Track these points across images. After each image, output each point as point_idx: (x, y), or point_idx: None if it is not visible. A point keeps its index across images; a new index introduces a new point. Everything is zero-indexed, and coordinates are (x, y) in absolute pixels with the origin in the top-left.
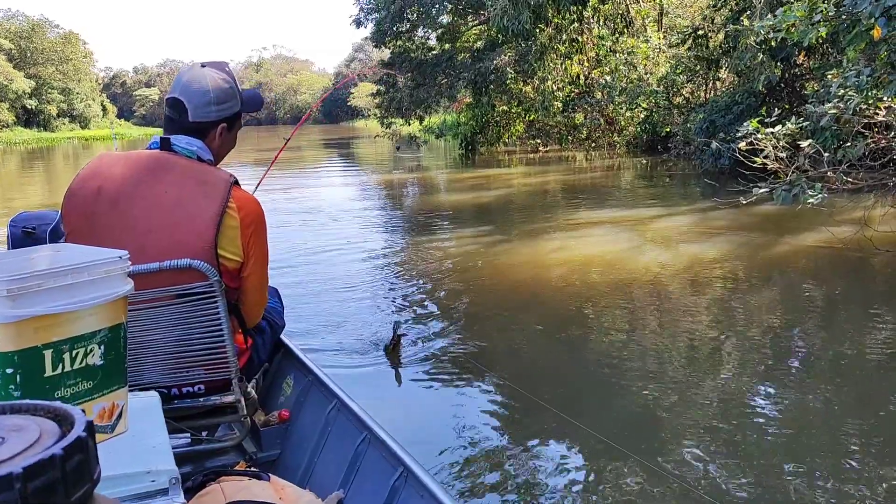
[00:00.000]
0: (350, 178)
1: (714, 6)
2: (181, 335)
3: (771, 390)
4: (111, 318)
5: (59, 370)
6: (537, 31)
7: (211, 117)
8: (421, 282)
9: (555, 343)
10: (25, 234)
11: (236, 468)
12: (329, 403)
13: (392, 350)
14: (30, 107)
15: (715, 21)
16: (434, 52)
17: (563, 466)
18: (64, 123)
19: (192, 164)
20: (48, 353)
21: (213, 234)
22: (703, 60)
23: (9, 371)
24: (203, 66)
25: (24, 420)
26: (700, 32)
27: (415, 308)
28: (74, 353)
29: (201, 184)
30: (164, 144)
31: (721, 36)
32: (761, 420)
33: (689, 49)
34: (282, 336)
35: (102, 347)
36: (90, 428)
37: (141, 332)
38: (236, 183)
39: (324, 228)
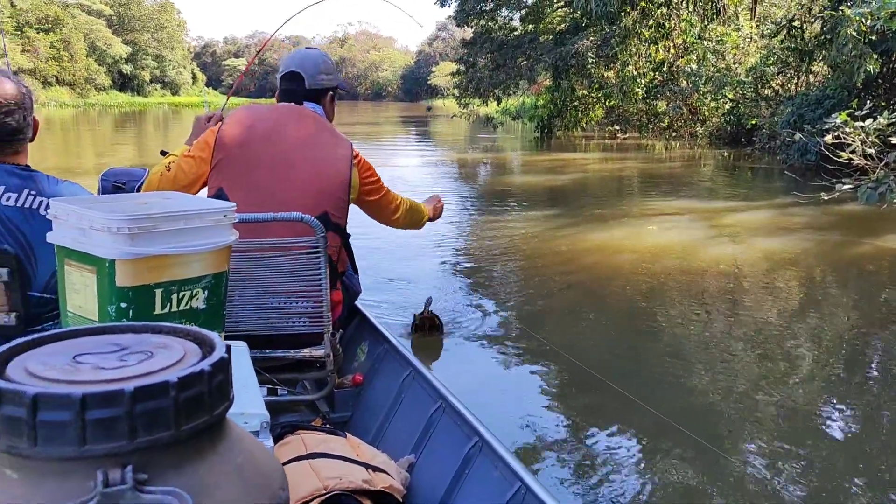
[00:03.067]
0: (425, 154)
1: None
2: (282, 286)
3: (842, 398)
4: (216, 266)
5: (166, 309)
6: (623, 14)
7: (323, 84)
8: (489, 258)
9: (621, 328)
10: (115, 188)
11: (312, 424)
12: (404, 371)
13: (421, 325)
14: (125, 72)
15: (812, 10)
16: (516, 33)
17: (628, 444)
18: (156, 89)
19: (323, 119)
20: (159, 292)
21: (348, 173)
22: (797, 52)
23: (123, 305)
24: (307, 49)
25: (168, 339)
26: (795, 23)
27: (483, 284)
28: (181, 294)
29: (333, 134)
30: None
31: (817, 26)
32: (828, 427)
33: (782, 41)
34: (357, 303)
35: (206, 292)
36: (230, 351)
37: (244, 278)
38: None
39: None
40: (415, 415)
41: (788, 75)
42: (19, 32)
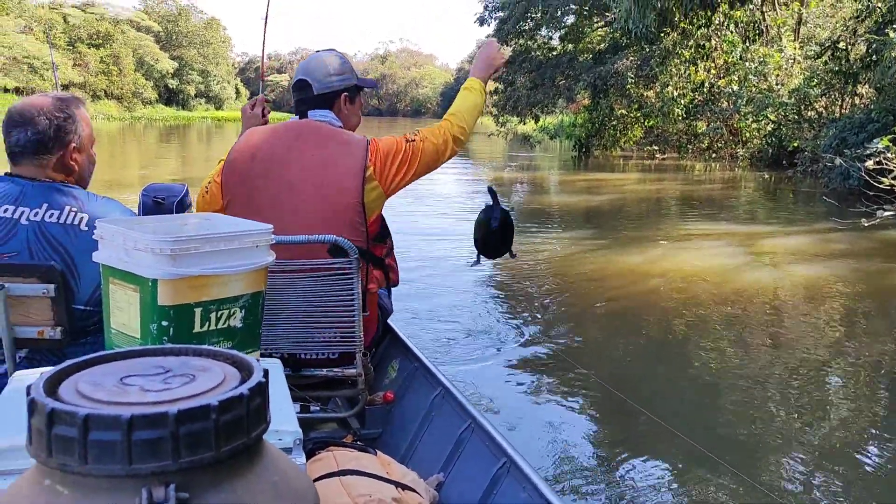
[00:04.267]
0: (461, 171)
1: (858, 17)
2: (315, 306)
3: (882, 430)
4: (253, 286)
5: (205, 328)
6: (662, 35)
7: (333, 87)
8: (524, 277)
9: (655, 353)
10: (155, 204)
11: (344, 441)
12: (434, 390)
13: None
14: (171, 86)
15: (857, 32)
16: (555, 53)
17: (658, 471)
18: (200, 103)
19: (330, 129)
20: (198, 311)
21: (359, 192)
22: (841, 74)
23: (164, 323)
24: (317, 52)
25: (209, 363)
26: (840, 44)
27: (516, 304)
28: (220, 313)
29: (342, 144)
30: (302, 118)
31: (862, 48)
32: (867, 460)
33: (826, 62)
34: (389, 321)
35: (243, 311)
36: (267, 375)
37: (278, 299)
38: (370, 142)
39: (431, 217)
40: (444, 433)
41: (832, 97)
42: (71, 47)
